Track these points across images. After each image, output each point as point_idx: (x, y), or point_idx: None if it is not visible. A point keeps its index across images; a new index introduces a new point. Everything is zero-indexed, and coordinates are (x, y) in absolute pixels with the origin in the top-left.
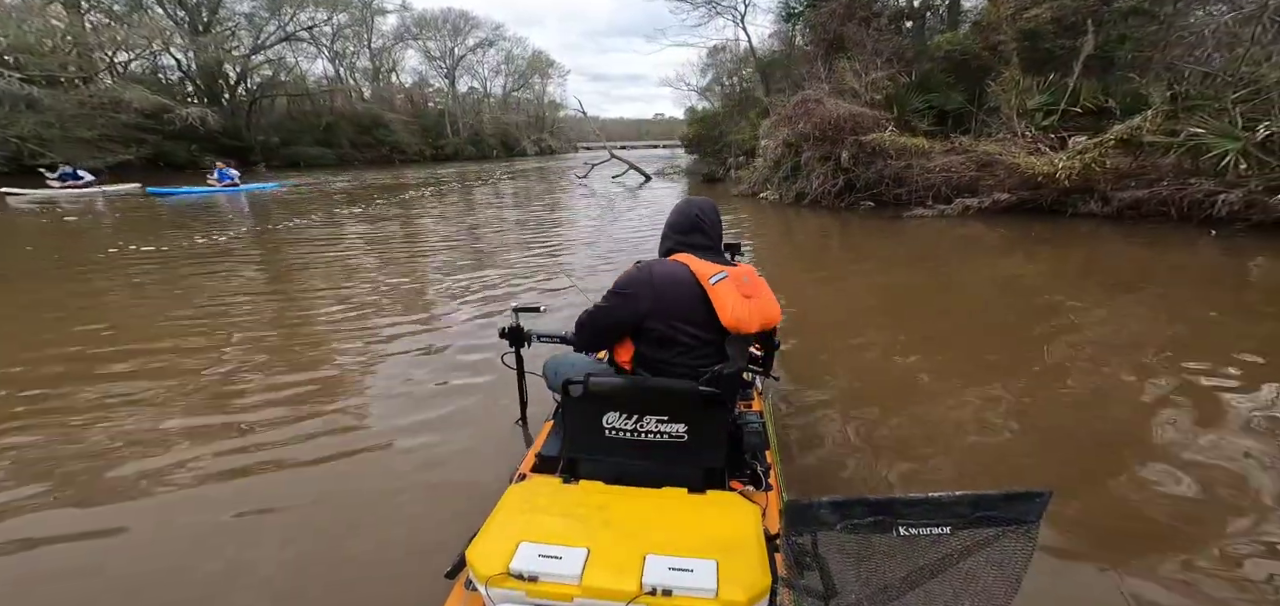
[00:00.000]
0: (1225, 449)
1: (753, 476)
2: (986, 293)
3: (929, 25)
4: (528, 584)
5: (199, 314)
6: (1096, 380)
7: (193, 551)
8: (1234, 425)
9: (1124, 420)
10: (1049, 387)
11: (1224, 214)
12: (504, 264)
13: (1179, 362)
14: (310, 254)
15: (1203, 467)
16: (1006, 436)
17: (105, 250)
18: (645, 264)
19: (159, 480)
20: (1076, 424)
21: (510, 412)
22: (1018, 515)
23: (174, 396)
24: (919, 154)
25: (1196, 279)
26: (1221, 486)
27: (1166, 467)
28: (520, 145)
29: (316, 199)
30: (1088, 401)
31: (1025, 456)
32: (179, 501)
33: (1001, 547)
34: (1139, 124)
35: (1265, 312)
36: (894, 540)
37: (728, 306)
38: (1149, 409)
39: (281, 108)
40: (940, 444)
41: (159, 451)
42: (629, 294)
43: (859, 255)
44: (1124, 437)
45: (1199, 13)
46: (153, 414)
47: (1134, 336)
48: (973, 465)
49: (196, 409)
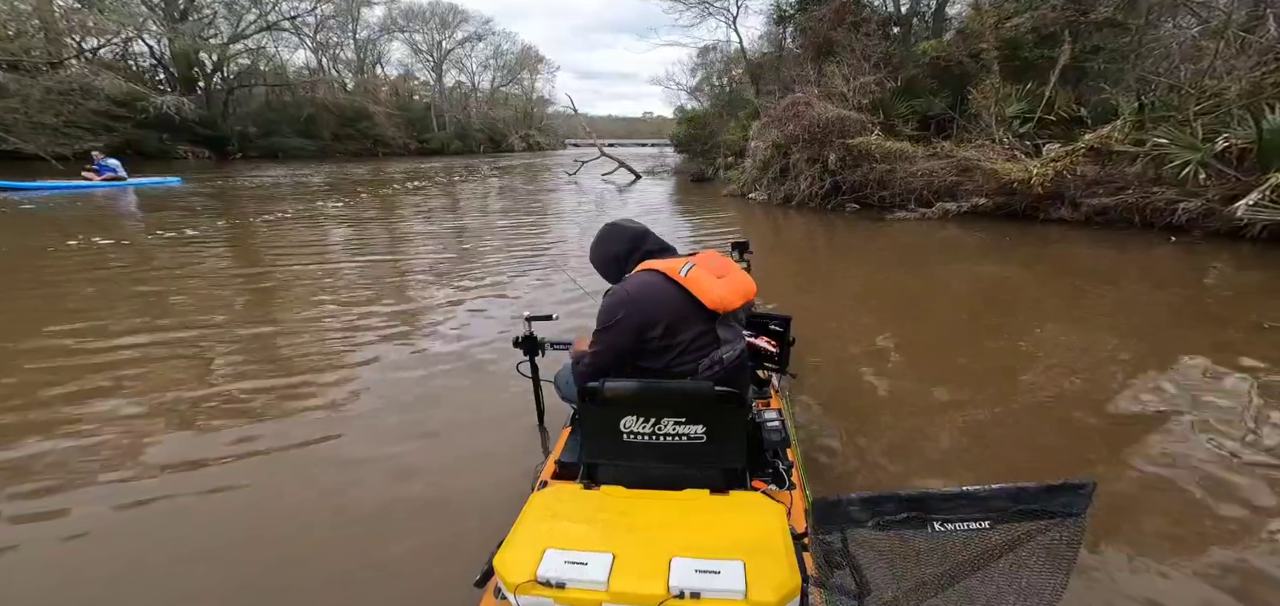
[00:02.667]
0: (1180, 443)
1: (775, 475)
2: (965, 295)
3: (915, 31)
4: (556, 591)
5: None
6: (1062, 378)
7: (204, 562)
8: (1189, 420)
9: (1085, 417)
10: (1019, 387)
11: (1183, 221)
12: (497, 262)
13: (1138, 363)
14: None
15: (1157, 459)
16: (980, 433)
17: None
18: (616, 289)
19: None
20: (1043, 422)
21: (521, 417)
22: (1062, 508)
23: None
24: (903, 158)
25: (1158, 282)
26: (1178, 475)
27: (1125, 460)
28: (507, 141)
29: (235, 198)
30: (1054, 400)
31: (996, 450)
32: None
33: (1046, 541)
34: (1108, 133)
35: (1220, 315)
36: (929, 536)
37: (706, 289)
38: (1110, 406)
39: (260, 98)
40: (919, 441)
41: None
42: (616, 321)
43: (846, 256)
44: (1087, 433)
45: (1169, 26)
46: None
47: (1099, 337)
48: (952, 460)
49: (186, 421)
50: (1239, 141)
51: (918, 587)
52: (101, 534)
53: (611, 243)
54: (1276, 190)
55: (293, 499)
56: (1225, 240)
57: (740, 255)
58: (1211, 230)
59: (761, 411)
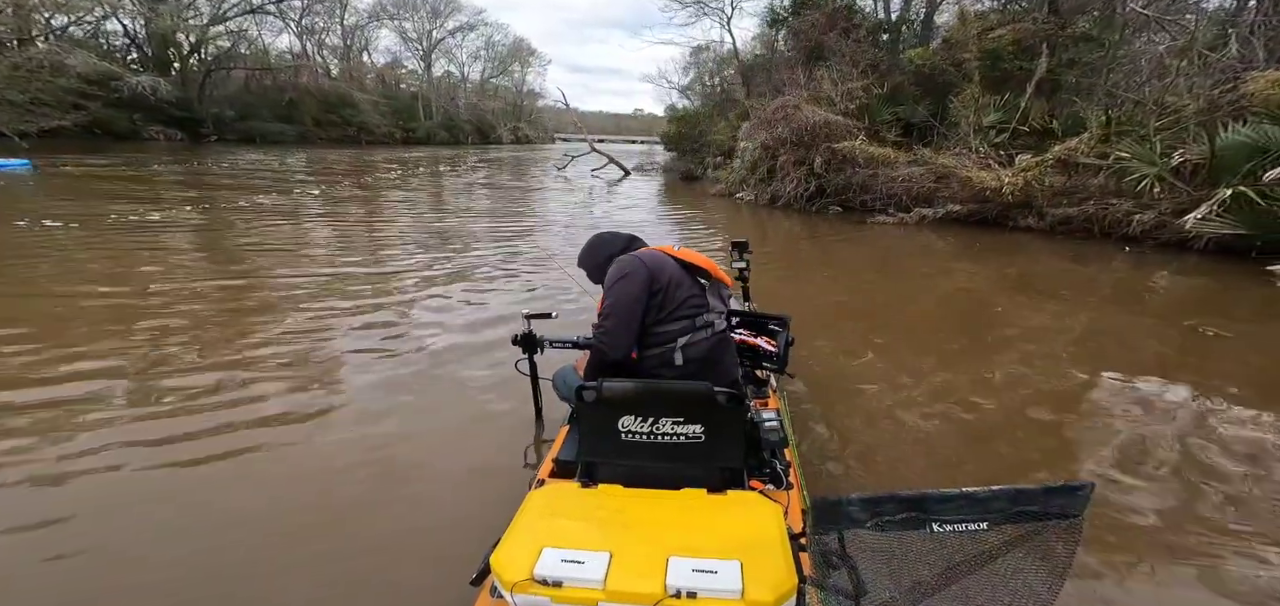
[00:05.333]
0: (1131, 436)
1: (772, 475)
2: (938, 297)
3: (903, 39)
4: (552, 589)
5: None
6: (1025, 378)
7: (190, 560)
8: (1129, 420)
9: (1046, 414)
10: (983, 387)
11: (1137, 233)
12: (492, 253)
13: (1094, 364)
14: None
15: (1111, 450)
16: (948, 430)
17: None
18: (622, 258)
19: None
20: (1006, 420)
21: (519, 415)
22: (1060, 509)
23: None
24: (885, 163)
25: (1110, 290)
26: (1128, 468)
27: (1084, 453)
28: (496, 133)
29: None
30: (1019, 399)
31: (963, 446)
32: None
33: (1044, 542)
34: (1076, 145)
35: (1163, 321)
36: (927, 537)
37: (694, 257)
38: (1068, 405)
39: (239, 81)
40: (891, 439)
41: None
42: (627, 273)
43: (827, 258)
44: (1047, 431)
45: (1139, 43)
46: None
47: (1058, 339)
48: (924, 458)
49: (177, 409)
50: (1193, 158)
51: (914, 588)
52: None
53: (603, 247)
54: (1224, 204)
55: (284, 497)
56: (1173, 251)
57: (740, 254)
58: (1162, 241)
59: (759, 411)
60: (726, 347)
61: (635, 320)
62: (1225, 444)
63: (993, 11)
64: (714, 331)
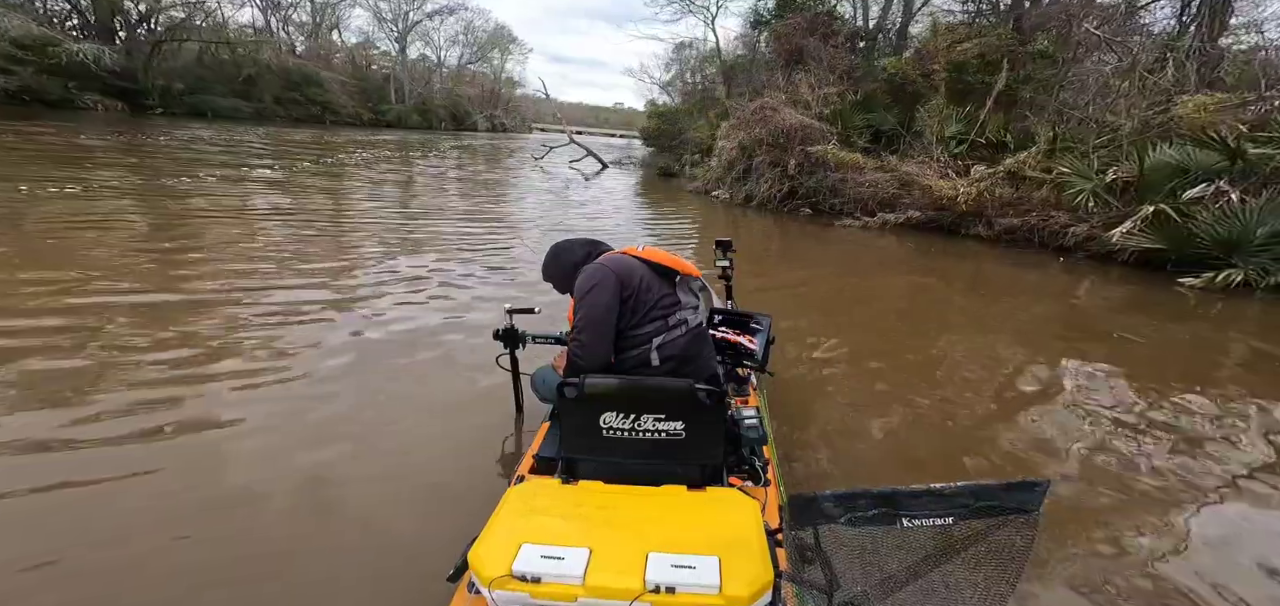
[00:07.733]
0: (1062, 430)
1: (751, 472)
2: (895, 299)
3: (879, 47)
4: (531, 585)
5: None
6: (961, 379)
7: (161, 559)
8: (1050, 415)
9: (986, 410)
10: (931, 384)
11: (1072, 244)
12: (476, 240)
13: (1018, 365)
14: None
15: (1043, 442)
16: (903, 426)
17: None
18: (588, 267)
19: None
20: (947, 415)
21: (499, 410)
22: (1018, 504)
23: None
24: (854, 168)
25: (1044, 296)
26: (1038, 461)
27: (998, 450)
28: (471, 119)
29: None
30: (953, 396)
31: (919, 436)
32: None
33: (1004, 536)
34: (1024, 159)
35: (1085, 326)
36: (897, 532)
37: (660, 256)
38: (992, 402)
39: (192, 53)
40: (846, 435)
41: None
42: (598, 282)
43: (795, 258)
44: (986, 426)
45: (1089, 62)
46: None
47: (992, 342)
48: (883, 456)
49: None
50: (1125, 175)
51: (884, 582)
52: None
53: (567, 254)
54: (1146, 220)
55: (261, 493)
56: (1100, 262)
57: (723, 253)
58: (1093, 252)
59: (740, 409)
60: (702, 342)
61: (610, 330)
62: (1136, 431)
63: (962, 24)
64: (688, 328)
